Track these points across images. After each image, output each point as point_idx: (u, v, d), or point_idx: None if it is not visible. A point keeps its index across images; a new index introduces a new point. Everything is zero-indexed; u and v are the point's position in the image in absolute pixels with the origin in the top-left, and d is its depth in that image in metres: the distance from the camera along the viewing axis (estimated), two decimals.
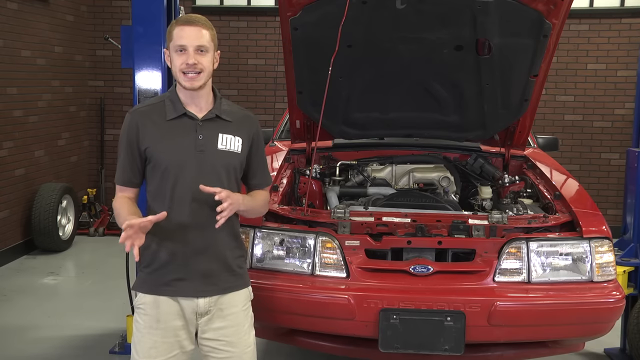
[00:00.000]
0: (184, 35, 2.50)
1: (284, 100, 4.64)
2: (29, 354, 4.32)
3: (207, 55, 2.53)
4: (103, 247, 6.93)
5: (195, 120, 2.56)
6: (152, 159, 2.53)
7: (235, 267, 2.64)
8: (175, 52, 2.52)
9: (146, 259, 2.56)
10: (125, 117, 2.61)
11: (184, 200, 2.51)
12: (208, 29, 2.54)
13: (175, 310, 2.54)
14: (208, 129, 2.57)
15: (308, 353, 4.04)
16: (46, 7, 6.95)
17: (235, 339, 2.61)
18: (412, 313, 3.08)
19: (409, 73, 3.83)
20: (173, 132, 2.54)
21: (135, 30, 4.08)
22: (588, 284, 3.24)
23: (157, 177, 2.54)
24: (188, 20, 2.53)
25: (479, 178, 4.25)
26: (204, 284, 2.55)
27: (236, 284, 2.64)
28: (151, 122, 2.55)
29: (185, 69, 2.50)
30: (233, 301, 2.62)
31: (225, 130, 2.60)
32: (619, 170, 7.53)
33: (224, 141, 2.58)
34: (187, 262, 2.53)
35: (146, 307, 2.55)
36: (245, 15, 7.90)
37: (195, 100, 2.58)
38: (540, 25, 3.45)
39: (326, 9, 3.41)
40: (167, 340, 2.54)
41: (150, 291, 2.55)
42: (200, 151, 2.53)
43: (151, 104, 2.63)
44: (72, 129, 7.59)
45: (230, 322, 2.60)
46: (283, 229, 3.31)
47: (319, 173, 4.15)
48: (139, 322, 2.57)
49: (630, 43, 7.47)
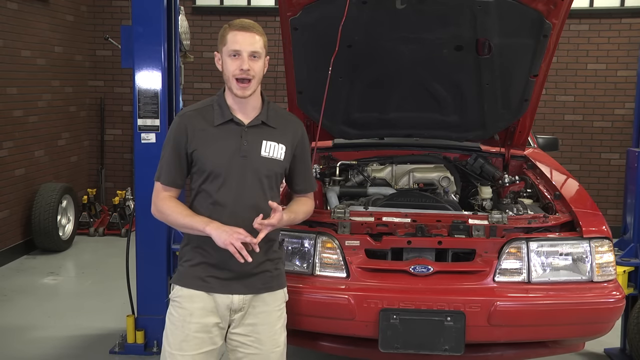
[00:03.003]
0: (238, 41, 2.54)
1: (284, 100, 4.64)
2: (29, 354, 4.32)
3: (259, 62, 2.57)
4: (103, 247, 6.92)
5: (241, 126, 2.61)
6: (198, 162, 2.60)
7: (272, 268, 2.69)
8: (229, 56, 2.56)
9: (187, 254, 2.64)
10: (174, 119, 2.68)
11: (225, 203, 2.58)
12: (261, 35, 2.59)
13: (210, 307, 2.59)
14: (253, 135, 2.61)
15: (308, 353, 4.04)
16: (46, 7, 6.95)
17: (265, 336, 2.65)
18: (412, 313, 3.08)
19: (409, 73, 3.83)
20: (219, 137, 2.59)
21: (135, 30, 4.08)
22: (588, 284, 3.24)
23: (201, 179, 2.61)
24: (243, 25, 2.57)
25: (479, 178, 4.25)
26: (240, 283, 2.60)
27: (272, 285, 2.69)
28: (199, 126, 2.60)
29: (239, 74, 2.54)
30: (268, 300, 2.67)
31: (270, 137, 2.64)
32: (619, 170, 7.52)
33: (267, 148, 2.63)
34: (225, 261, 2.57)
35: (182, 301, 2.61)
36: (245, 16, 7.85)
37: (242, 107, 2.62)
38: (540, 25, 3.45)
39: (326, 9, 3.41)
40: (199, 336, 2.58)
41: (187, 285, 2.61)
42: (243, 157, 2.58)
43: (200, 108, 2.67)
44: (72, 129, 7.59)
45: (262, 320, 2.65)
46: (283, 229, 3.30)
47: (319, 173, 4.15)
48: (173, 315, 2.63)
49: (630, 43, 7.47)
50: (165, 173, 2.64)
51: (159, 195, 2.64)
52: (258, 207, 2.57)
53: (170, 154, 2.63)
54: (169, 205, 2.61)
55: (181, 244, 2.71)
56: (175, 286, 2.66)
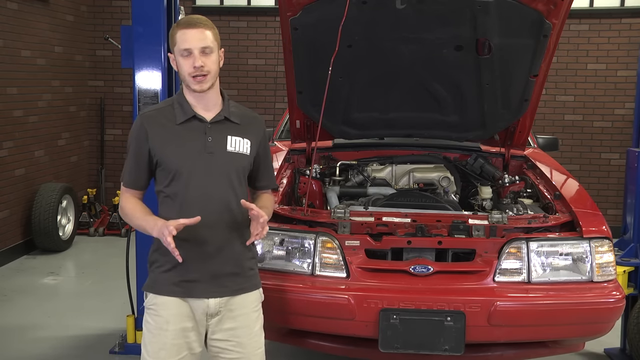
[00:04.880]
0: (187, 39, 2.50)
1: (284, 100, 4.65)
2: (29, 354, 4.32)
3: (213, 56, 2.53)
4: (103, 247, 6.92)
5: (204, 123, 2.57)
6: (162, 163, 2.54)
7: (246, 268, 2.65)
8: (181, 56, 2.52)
9: (158, 259, 2.57)
10: (135, 120, 2.63)
11: (195, 203, 2.52)
12: (210, 29, 2.54)
13: (186, 312, 2.55)
14: (217, 131, 2.58)
15: (308, 353, 4.04)
16: (46, 7, 6.95)
17: (245, 340, 2.61)
18: (412, 313, 3.08)
19: (409, 73, 3.83)
20: (183, 135, 2.55)
21: (135, 30, 4.08)
22: (588, 284, 3.24)
23: (167, 180, 2.55)
24: (189, 22, 2.53)
25: (479, 178, 4.25)
26: (215, 285, 2.56)
27: (247, 286, 2.64)
28: (160, 126, 2.55)
29: (193, 72, 2.50)
30: (244, 302, 2.62)
31: (234, 132, 2.61)
32: (619, 170, 7.52)
33: (232, 143, 2.59)
34: (199, 264, 2.53)
35: (157, 308, 2.55)
36: (245, 15, 7.90)
37: (203, 103, 2.58)
38: (540, 25, 3.45)
39: (326, 9, 3.41)
40: (176, 342, 2.54)
41: (161, 292, 2.55)
42: (209, 153, 2.55)
43: (160, 108, 2.63)
44: (72, 129, 7.59)
45: (240, 323, 2.61)
46: (283, 229, 3.31)
47: (319, 173, 4.15)
48: (149, 323, 2.58)
49: (630, 43, 7.47)
50: (127, 175, 2.59)
51: (123, 197, 2.62)
52: (227, 203, 2.53)
53: (132, 155, 2.58)
54: (128, 206, 2.57)
55: (151, 249, 2.63)
56: (148, 294, 2.59)
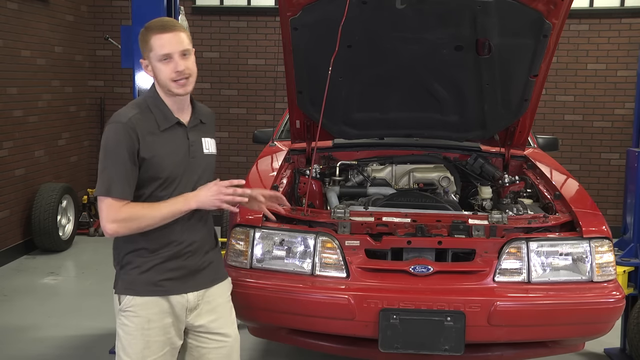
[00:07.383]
0: (165, 44, 2.46)
1: (284, 100, 4.64)
2: (29, 354, 4.32)
3: (191, 57, 2.53)
4: (103, 247, 6.91)
5: (184, 127, 2.57)
6: (151, 169, 2.46)
7: (215, 258, 2.68)
8: (159, 61, 2.48)
9: (133, 261, 2.52)
10: (114, 127, 2.43)
11: None
12: (184, 31, 2.52)
13: (166, 309, 2.53)
14: (194, 135, 2.59)
15: (308, 353, 4.04)
16: (46, 7, 6.95)
17: (227, 330, 2.66)
18: (412, 313, 3.08)
19: (409, 73, 3.83)
20: (169, 141, 2.52)
21: (135, 30, 4.03)
22: (588, 284, 3.24)
23: (153, 186, 2.48)
24: (163, 26, 2.50)
25: (479, 178, 4.25)
26: (192, 279, 2.57)
27: (219, 276, 2.69)
28: (148, 133, 2.47)
29: (176, 77, 2.47)
30: (218, 292, 2.66)
31: (205, 133, 2.64)
32: (619, 170, 7.52)
33: (206, 145, 2.62)
34: (179, 262, 2.53)
35: (136, 310, 2.50)
36: (245, 15, 7.90)
37: (181, 107, 2.57)
38: (540, 25, 3.45)
39: (326, 9, 3.41)
40: (158, 339, 2.53)
41: (140, 293, 2.50)
42: (192, 158, 2.56)
43: (139, 113, 2.49)
44: (72, 129, 7.59)
45: (219, 314, 2.64)
46: (283, 229, 3.31)
47: (319, 173, 4.15)
48: (128, 326, 2.51)
49: (630, 43, 7.46)
50: (118, 186, 2.39)
51: (118, 210, 2.39)
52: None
53: (120, 164, 2.40)
54: (135, 210, 2.41)
55: (122, 251, 2.53)
56: (124, 296, 2.50)
